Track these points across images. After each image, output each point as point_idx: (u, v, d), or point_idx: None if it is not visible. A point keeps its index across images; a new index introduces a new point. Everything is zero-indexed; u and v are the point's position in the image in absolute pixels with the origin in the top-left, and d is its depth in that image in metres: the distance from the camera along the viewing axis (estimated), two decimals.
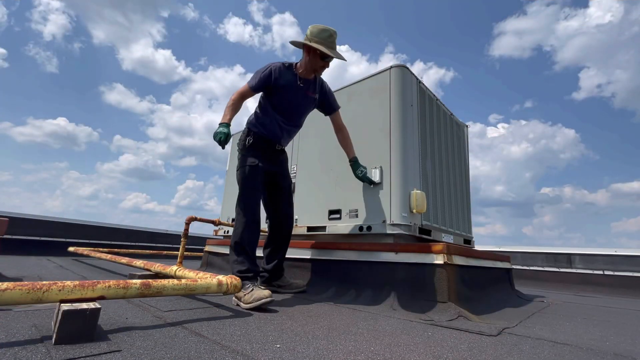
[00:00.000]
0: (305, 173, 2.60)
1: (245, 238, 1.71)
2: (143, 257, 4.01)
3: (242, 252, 1.71)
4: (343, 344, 0.98)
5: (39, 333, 0.89)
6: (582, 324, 1.67)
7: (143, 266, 2.01)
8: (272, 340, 0.98)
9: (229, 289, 1.35)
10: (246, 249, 1.71)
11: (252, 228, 1.74)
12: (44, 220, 4.63)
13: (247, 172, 1.77)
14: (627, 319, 1.95)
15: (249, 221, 1.73)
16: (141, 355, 0.77)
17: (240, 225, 1.72)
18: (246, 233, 1.71)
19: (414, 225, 1.95)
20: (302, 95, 1.87)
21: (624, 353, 1.12)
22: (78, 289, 0.93)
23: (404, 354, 0.92)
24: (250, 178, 1.77)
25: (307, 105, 1.93)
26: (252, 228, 1.73)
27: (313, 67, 1.81)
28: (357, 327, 1.22)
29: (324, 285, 2.08)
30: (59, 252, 4.22)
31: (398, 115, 2.07)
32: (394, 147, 2.02)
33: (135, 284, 1.07)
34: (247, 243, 1.71)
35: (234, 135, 3.71)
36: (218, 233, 3.41)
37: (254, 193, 1.79)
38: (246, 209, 1.74)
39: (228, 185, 3.54)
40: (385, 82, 2.18)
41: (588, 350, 1.12)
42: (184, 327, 1.07)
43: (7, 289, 0.84)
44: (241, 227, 1.72)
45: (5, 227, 2.17)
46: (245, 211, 1.74)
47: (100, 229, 5.26)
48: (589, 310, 2.23)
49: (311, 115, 1.96)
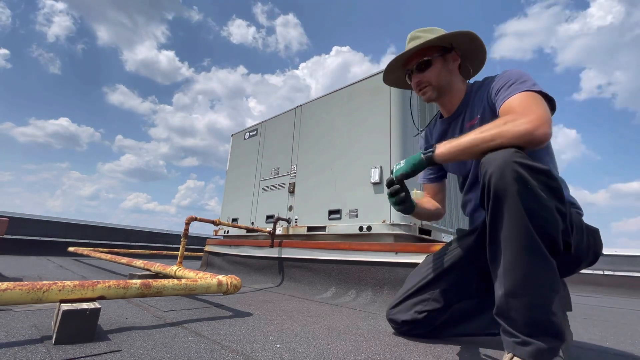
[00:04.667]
0: (305, 173, 2.60)
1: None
2: (143, 257, 4.01)
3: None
4: (343, 344, 0.98)
5: (39, 333, 0.89)
6: (582, 324, 1.67)
7: (143, 266, 2.01)
8: (272, 340, 0.98)
9: (229, 289, 1.35)
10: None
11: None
12: (44, 220, 4.63)
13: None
14: (627, 319, 1.95)
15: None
16: (141, 355, 0.77)
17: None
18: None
19: (414, 225, 1.95)
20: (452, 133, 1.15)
21: (624, 353, 1.12)
22: (78, 289, 0.92)
23: (404, 354, 0.92)
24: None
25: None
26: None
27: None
28: (357, 327, 1.22)
29: (324, 285, 2.08)
30: (59, 252, 4.22)
31: (398, 115, 2.07)
32: (394, 147, 2.02)
33: (135, 284, 1.07)
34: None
35: (234, 134, 3.71)
36: (218, 233, 3.41)
37: None
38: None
39: (228, 185, 3.54)
40: None
41: (588, 350, 1.12)
42: (184, 327, 1.07)
43: (7, 289, 0.84)
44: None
45: (6, 227, 2.17)
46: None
47: (100, 229, 5.26)
48: (589, 310, 2.23)
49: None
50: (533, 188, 0.73)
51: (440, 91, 1.10)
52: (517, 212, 0.73)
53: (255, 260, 2.69)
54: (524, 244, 0.72)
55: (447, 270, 1.09)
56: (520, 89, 0.88)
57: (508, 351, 0.74)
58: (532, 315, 0.71)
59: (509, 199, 0.73)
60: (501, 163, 0.75)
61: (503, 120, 0.82)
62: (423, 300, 1.09)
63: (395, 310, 1.13)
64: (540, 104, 0.84)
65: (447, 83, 1.10)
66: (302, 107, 2.83)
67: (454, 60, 1.10)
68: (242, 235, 3.08)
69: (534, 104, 0.83)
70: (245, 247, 2.80)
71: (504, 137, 0.79)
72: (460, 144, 0.87)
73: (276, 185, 2.86)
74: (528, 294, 0.72)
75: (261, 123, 3.32)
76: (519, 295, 0.72)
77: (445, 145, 0.90)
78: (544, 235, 0.73)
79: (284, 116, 3.04)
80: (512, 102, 0.87)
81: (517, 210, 0.73)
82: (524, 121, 0.79)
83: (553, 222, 0.74)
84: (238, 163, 3.50)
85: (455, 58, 1.10)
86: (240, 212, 3.19)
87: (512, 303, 0.73)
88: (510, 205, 0.73)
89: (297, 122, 2.82)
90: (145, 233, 5.90)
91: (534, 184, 0.73)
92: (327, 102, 2.59)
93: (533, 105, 0.83)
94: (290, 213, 2.62)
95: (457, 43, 1.08)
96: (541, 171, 0.75)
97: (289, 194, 2.67)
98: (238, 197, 3.30)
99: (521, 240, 0.73)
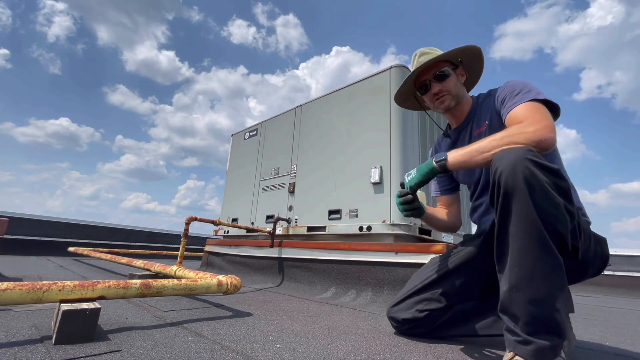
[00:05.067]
0: (305, 173, 2.60)
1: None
2: (143, 257, 4.01)
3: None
4: (343, 344, 0.98)
5: (39, 333, 0.89)
6: (582, 324, 1.67)
7: (143, 266, 2.01)
8: (272, 340, 0.98)
9: (229, 289, 1.35)
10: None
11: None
12: (44, 220, 4.63)
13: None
14: (627, 319, 1.95)
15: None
16: (141, 355, 0.77)
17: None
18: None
19: (414, 225, 1.95)
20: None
21: (624, 353, 1.12)
22: (78, 289, 0.92)
23: (404, 354, 0.92)
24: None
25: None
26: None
27: (433, 107, 1.20)
28: (357, 327, 1.22)
29: (324, 285, 2.08)
30: (59, 252, 4.22)
31: (398, 115, 2.07)
32: (394, 147, 2.02)
33: (135, 284, 1.07)
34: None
35: (234, 134, 3.71)
36: (218, 233, 3.41)
37: None
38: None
39: (228, 185, 3.54)
40: (385, 81, 2.18)
41: (588, 350, 1.12)
42: (184, 327, 1.07)
43: (7, 289, 0.84)
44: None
45: (6, 227, 2.17)
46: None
47: (100, 229, 5.26)
48: (589, 310, 2.23)
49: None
50: (543, 185, 0.73)
51: (457, 100, 1.14)
52: (527, 208, 0.73)
53: (255, 260, 2.69)
54: (532, 239, 0.72)
55: (451, 271, 1.09)
56: (526, 99, 0.92)
57: (509, 350, 0.74)
58: (534, 310, 0.71)
59: (518, 194, 0.74)
60: (513, 160, 0.76)
61: (512, 129, 0.85)
62: (425, 299, 1.09)
63: (396, 308, 1.13)
64: (545, 112, 0.88)
65: (462, 94, 1.16)
66: (302, 107, 2.83)
67: (462, 75, 1.18)
68: (242, 235, 3.08)
69: (539, 113, 0.87)
70: (245, 247, 2.80)
71: (516, 142, 0.82)
72: (471, 150, 0.89)
73: (276, 185, 2.86)
74: (531, 288, 0.71)
75: (261, 123, 3.32)
76: (522, 289, 0.72)
77: (458, 151, 0.92)
78: (553, 232, 0.73)
79: (284, 116, 3.04)
80: (518, 111, 0.91)
81: (527, 206, 0.73)
82: (530, 130, 0.82)
83: (562, 219, 0.74)
84: (238, 163, 3.50)
85: (462, 73, 1.18)
86: (240, 212, 3.19)
87: (515, 297, 0.73)
88: (520, 201, 0.74)
89: (297, 122, 2.82)
90: (145, 233, 5.90)
91: (544, 182, 0.74)
92: (327, 102, 2.59)
93: (537, 114, 0.87)
94: (290, 213, 2.62)
95: (464, 58, 1.15)
96: (552, 170, 0.76)
97: (289, 194, 2.67)
98: (238, 197, 3.30)
99: (529, 236, 0.73)
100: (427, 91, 1.16)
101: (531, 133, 0.82)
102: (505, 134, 0.85)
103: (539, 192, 0.73)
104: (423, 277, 1.13)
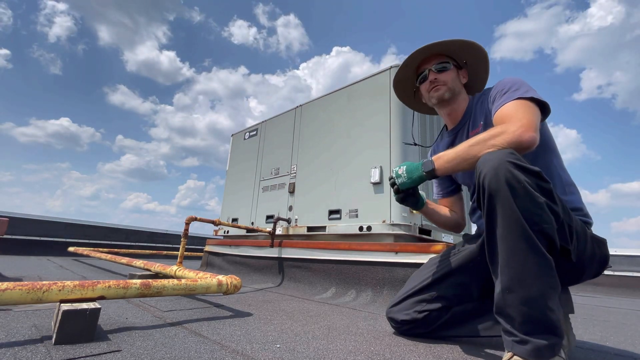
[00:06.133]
0: (305, 173, 2.60)
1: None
2: (143, 257, 4.01)
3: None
4: (343, 344, 0.98)
5: (39, 333, 0.89)
6: (582, 324, 1.67)
7: (143, 266, 2.01)
8: (272, 340, 0.98)
9: (229, 289, 1.35)
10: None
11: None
12: (44, 220, 4.63)
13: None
14: (627, 319, 1.95)
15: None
16: (141, 355, 0.77)
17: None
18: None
19: (413, 225, 1.95)
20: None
21: (624, 353, 1.12)
22: (78, 289, 0.92)
23: (404, 354, 0.92)
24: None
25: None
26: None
27: (427, 98, 1.19)
28: (357, 327, 1.22)
29: (324, 285, 2.08)
30: (59, 252, 4.22)
31: (398, 115, 2.07)
32: (394, 147, 2.02)
33: (135, 284, 1.07)
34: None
35: (234, 134, 3.71)
36: (218, 233, 3.41)
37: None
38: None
39: (228, 185, 3.54)
40: (385, 82, 2.18)
41: (588, 350, 1.12)
42: (184, 327, 1.07)
43: (7, 289, 0.84)
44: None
45: (5, 227, 2.17)
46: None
47: (100, 229, 5.26)
48: (589, 310, 2.23)
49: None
50: (525, 186, 0.74)
51: (452, 94, 1.13)
52: (511, 210, 0.74)
53: (255, 260, 2.69)
54: (519, 240, 0.73)
55: (450, 272, 1.09)
56: (513, 97, 0.92)
57: (508, 350, 0.74)
58: (528, 310, 0.71)
59: (502, 197, 0.75)
60: (495, 164, 0.77)
61: (494, 130, 0.87)
62: (424, 300, 1.09)
63: (395, 308, 1.13)
64: (529, 110, 0.88)
65: (458, 90, 1.15)
66: (302, 107, 2.83)
67: (464, 77, 1.18)
68: (242, 235, 3.08)
69: (523, 111, 0.88)
70: (245, 247, 2.80)
71: (496, 145, 0.83)
72: (457, 154, 0.90)
73: (276, 185, 2.86)
74: (523, 288, 0.72)
75: (261, 123, 3.32)
76: (515, 290, 0.73)
77: (443, 157, 0.94)
78: (539, 232, 0.74)
79: (284, 116, 3.04)
80: (504, 110, 0.92)
81: (511, 208, 0.74)
82: (511, 131, 0.83)
83: (547, 219, 0.75)
84: (238, 163, 3.50)
85: (464, 75, 1.18)
86: (240, 212, 3.19)
87: (508, 299, 0.74)
88: (504, 203, 0.75)
89: (297, 122, 2.82)
90: (145, 233, 5.90)
91: (525, 182, 0.75)
92: (327, 102, 2.59)
93: (521, 112, 0.87)
94: (290, 213, 2.62)
95: (469, 59, 1.15)
96: (533, 172, 0.77)
97: (289, 194, 2.67)
98: (238, 197, 3.30)
99: (516, 236, 0.74)
100: (425, 81, 1.16)
101: (511, 133, 0.83)
102: (488, 136, 0.86)
103: (521, 192, 0.74)
104: (422, 278, 1.13)
